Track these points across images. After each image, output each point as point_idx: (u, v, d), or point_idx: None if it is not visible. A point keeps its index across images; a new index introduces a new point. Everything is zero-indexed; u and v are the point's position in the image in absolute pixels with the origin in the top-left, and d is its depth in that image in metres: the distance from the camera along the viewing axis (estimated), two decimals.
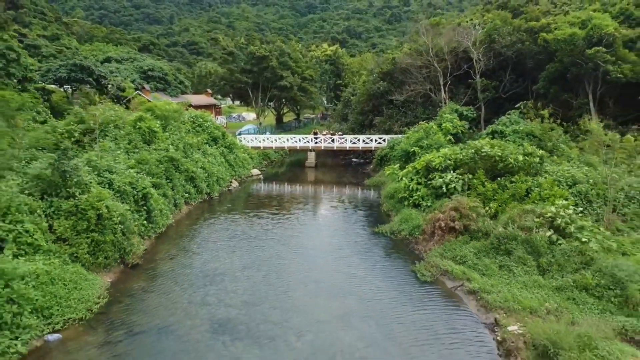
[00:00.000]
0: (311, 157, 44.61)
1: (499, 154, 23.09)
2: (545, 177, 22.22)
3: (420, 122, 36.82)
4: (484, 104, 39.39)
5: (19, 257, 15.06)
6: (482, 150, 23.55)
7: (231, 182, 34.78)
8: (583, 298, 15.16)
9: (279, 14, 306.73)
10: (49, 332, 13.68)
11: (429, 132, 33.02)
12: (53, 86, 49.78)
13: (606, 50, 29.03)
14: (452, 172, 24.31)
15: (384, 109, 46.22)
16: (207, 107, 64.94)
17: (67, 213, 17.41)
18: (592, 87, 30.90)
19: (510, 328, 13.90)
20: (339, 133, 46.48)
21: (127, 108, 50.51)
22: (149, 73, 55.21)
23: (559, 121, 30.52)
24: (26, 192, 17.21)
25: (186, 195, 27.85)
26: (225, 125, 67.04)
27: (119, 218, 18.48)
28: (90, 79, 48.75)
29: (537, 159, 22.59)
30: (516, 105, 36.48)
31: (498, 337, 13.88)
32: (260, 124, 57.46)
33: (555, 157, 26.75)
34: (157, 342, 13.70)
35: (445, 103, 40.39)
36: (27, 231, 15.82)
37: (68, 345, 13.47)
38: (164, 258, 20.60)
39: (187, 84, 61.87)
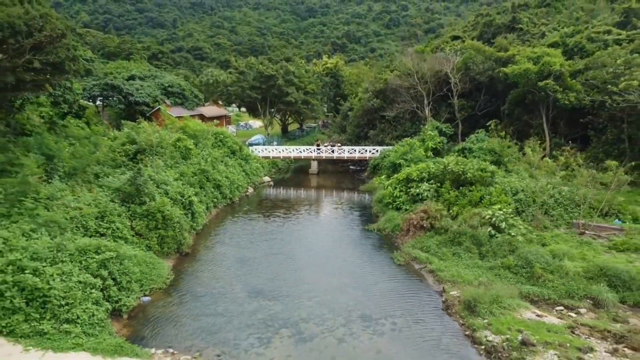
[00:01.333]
0: (314, 166, 51.46)
1: (461, 169, 29.92)
2: (495, 187, 29.02)
3: (406, 139, 43.60)
4: (461, 121, 46.18)
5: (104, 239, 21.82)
6: (449, 166, 30.39)
7: (248, 188, 41.58)
8: (505, 274, 21.96)
9: (280, 18, 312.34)
10: (143, 295, 20.48)
11: (413, 146, 39.88)
12: (86, 102, 56.58)
13: (555, 82, 35.79)
14: (426, 182, 31.13)
15: (377, 123, 53.08)
16: (218, 117, 71.77)
17: (141, 215, 24.23)
18: (545, 110, 37.67)
19: (451, 293, 20.72)
20: (338, 144, 53.22)
21: (150, 119, 57.43)
22: (169, 89, 61.92)
23: (514, 140, 37.44)
24: (112, 200, 24.03)
25: (215, 200, 34.67)
26: (235, 134, 73.83)
27: (176, 219, 25.30)
28: (120, 97, 55.63)
29: (489, 174, 29.39)
30: (487, 124, 43.40)
31: (443, 299, 20.69)
32: (268, 134, 64.22)
33: (508, 170, 33.60)
34: (213, 301, 20.50)
35: (428, 120, 47.18)
36: (118, 228, 22.64)
37: (155, 303, 20.27)
38: (206, 248, 27.41)
39: (201, 97, 68.60)
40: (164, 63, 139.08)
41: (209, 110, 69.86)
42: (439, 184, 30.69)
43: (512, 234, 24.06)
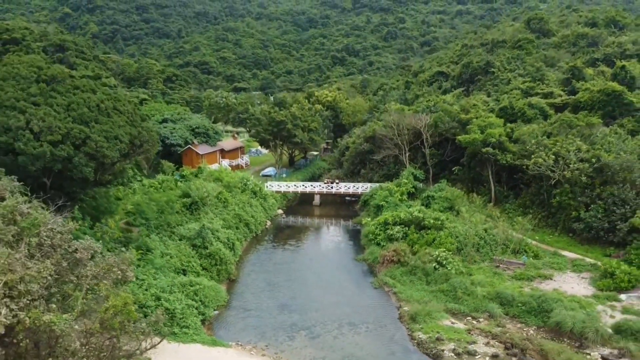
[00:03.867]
0: (317, 199, 64.30)
1: (422, 217, 42.70)
2: (444, 231, 41.73)
3: (387, 183, 56.34)
4: (432, 166, 58.93)
5: (190, 276, 34.54)
6: (413, 214, 43.19)
7: (267, 222, 54.37)
8: (440, 296, 34.67)
9: (282, 29, 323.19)
10: (214, 309, 33.20)
11: (391, 191, 52.71)
12: None
13: (495, 148, 48.41)
14: (398, 226, 43.87)
15: (367, 163, 65.90)
16: (235, 149, 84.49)
17: (206, 256, 36.98)
18: (490, 166, 50.35)
19: (404, 308, 33.47)
20: (337, 181, 65.90)
21: (181, 157, 70.03)
22: (196, 130, 74.52)
23: (470, 184, 50.27)
24: (187, 247, 36.79)
25: (245, 235, 47.43)
26: (249, 163, 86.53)
27: (226, 257, 38.07)
28: (159, 142, 68.32)
29: (440, 222, 42.12)
30: (452, 169, 56.23)
31: (399, 312, 33.44)
32: (278, 166, 76.92)
33: (458, 213, 46.35)
34: (255, 313, 33.23)
35: (407, 164, 59.90)
36: (193, 266, 35.39)
37: (222, 315, 33.03)
38: (244, 275, 40.18)
39: (220, 133, 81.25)
40: (177, 85, 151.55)
41: (228, 144, 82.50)
42: (407, 228, 43.44)
43: (449, 268, 36.82)
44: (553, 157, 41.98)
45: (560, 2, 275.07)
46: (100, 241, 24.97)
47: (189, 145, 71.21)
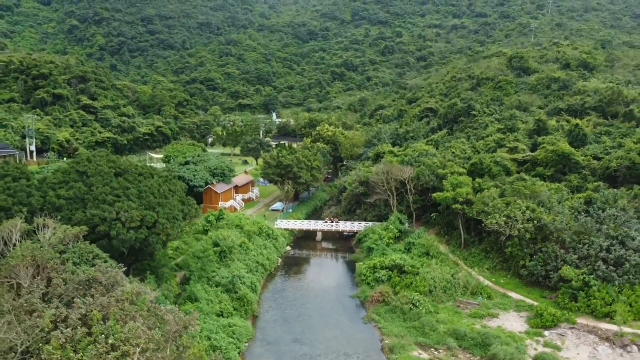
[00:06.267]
0: (319, 235, 76.21)
1: (402, 263, 54.50)
2: (419, 276, 53.41)
3: (378, 225, 68.12)
4: (414, 210, 70.73)
5: (226, 317, 46.25)
6: (396, 261, 54.99)
7: (278, 259, 66.16)
8: (413, 332, 46.41)
9: (283, 41, 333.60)
10: (246, 342, 44.98)
11: (380, 236, 64.51)
12: None
13: (464, 202, 60.06)
14: (383, 270, 55.62)
15: (362, 204, 77.72)
16: (246, 184, 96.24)
17: (236, 299, 48.65)
18: (460, 217, 62.08)
19: (385, 341, 45.30)
20: (336, 220, 77.66)
21: (202, 195, 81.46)
22: (214, 171, 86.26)
23: (445, 228, 62.14)
24: (222, 292, 48.46)
25: (262, 274, 59.15)
26: (259, 196, 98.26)
27: (251, 298, 49.76)
28: (184, 183, 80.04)
29: (416, 269, 53.87)
30: (431, 214, 68.02)
31: (382, 345, 45.23)
32: (285, 202, 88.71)
33: (434, 257, 58.09)
34: (275, 345, 45.02)
35: (394, 208, 71.68)
36: (227, 308, 47.07)
37: (251, 347, 44.84)
38: (264, 311, 51.92)
39: (234, 171, 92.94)
40: (188, 110, 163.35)
41: (240, 179, 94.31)
42: (391, 271, 55.23)
43: (420, 308, 48.59)
44: (504, 218, 53.69)
45: (550, 19, 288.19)
46: (167, 299, 36.83)
47: (209, 185, 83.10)
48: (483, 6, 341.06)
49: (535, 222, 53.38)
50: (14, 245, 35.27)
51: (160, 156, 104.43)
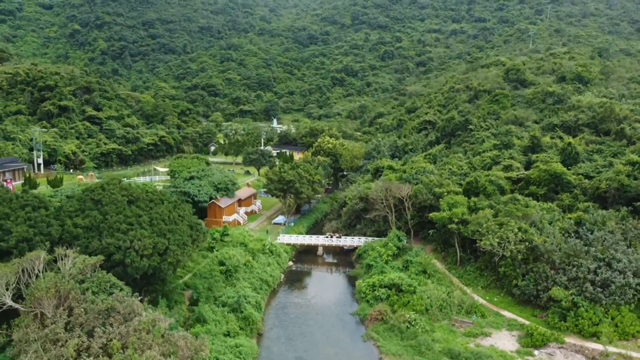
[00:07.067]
0: (320, 249, 78.78)
1: (399, 282, 57.03)
2: (416, 295, 55.91)
3: (377, 243, 70.64)
4: (412, 227, 73.27)
5: (233, 336, 48.76)
6: (394, 280, 57.52)
7: (281, 275, 68.66)
8: (410, 350, 48.95)
9: (284, 45, 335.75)
10: None
11: (380, 253, 67.03)
12: None
13: (459, 222, 62.52)
14: (382, 289, 58.14)
15: (362, 220, 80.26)
16: (249, 197, 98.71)
17: (242, 319, 51.17)
18: (456, 235, 64.58)
19: (384, 359, 47.82)
20: (337, 235, 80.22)
21: (206, 210, 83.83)
22: (218, 186, 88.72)
23: (441, 245, 64.71)
24: (226, 311, 50.97)
25: (266, 292, 61.65)
26: (261, 208, 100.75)
27: (256, 317, 52.29)
28: (189, 199, 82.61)
29: (412, 287, 56.37)
30: (429, 231, 70.54)
31: None
32: (287, 215, 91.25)
33: (430, 275, 60.61)
34: (285, 357, 47.65)
35: (393, 225, 74.21)
36: (234, 328, 49.58)
37: None
38: (268, 330, 54.43)
39: (237, 184, 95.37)
40: (191, 119, 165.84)
41: (243, 192, 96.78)
42: (389, 290, 57.75)
43: (417, 327, 51.10)
44: (498, 239, 56.19)
45: (549, 24, 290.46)
46: (177, 322, 39.41)
47: (213, 200, 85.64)
48: (482, 11, 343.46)
49: (527, 243, 55.87)
50: (37, 275, 37.82)
51: (165, 169, 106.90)
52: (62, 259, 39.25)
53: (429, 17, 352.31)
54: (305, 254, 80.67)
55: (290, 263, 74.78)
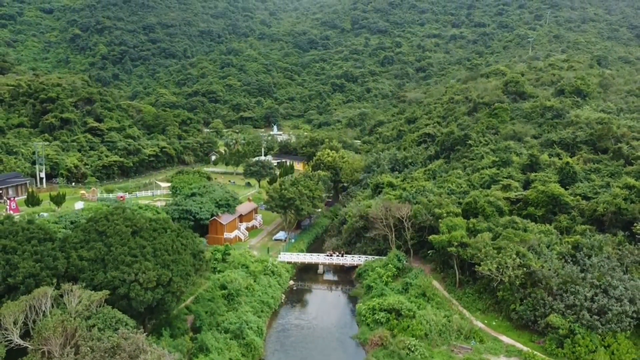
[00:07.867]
0: (321, 267, 79.56)
1: (399, 307, 57.83)
2: (416, 319, 56.70)
3: (377, 264, 71.40)
4: (412, 246, 74.06)
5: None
6: (394, 305, 58.32)
7: (282, 295, 69.41)
8: None
9: (284, 50, 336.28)
10: None
11: (380, 274, 67.82)
12: None
13: (458, 245, 63.30)
14: (382, 312, 58.93)
15: (362, 238, 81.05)
16: (250, 211, 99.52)
17: (243, 345, 51.93)
18: (455, 257, 65.35)
19: None
20: (337, 253, 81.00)
21: (208, 226, 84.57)
22: (220, 202, 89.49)
23: (441, 266, 65.51)
24: (230, 339, 51.75)
25: (267, 314, 62.41)
26: (262, 222, 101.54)
27: (258, 343, 53.06)
28: (191, 216, 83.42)
29: (412, 312, 57.16)
30: (428, 251, 71.34)
31: None
32: (288, 231, 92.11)
33: (429, 299, 61.39)
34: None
35: (393, 244, 75.01)
36: (236, 354, 50.37)
37: None
38: (270, 354, 55.17)
39: (239, 201, 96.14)
40: (192, 128, 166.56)
41: (244, 207, 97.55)
42: (389, 314, 58.55)
43: (416, 353, 51.90)
44: (496, 264, 56.98)
45: (548, 30, 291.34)
46: (181, 353, 40.22)
47: (214, 217, 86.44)
48: (482, 15, 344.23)
49: (525, 268, 56.65)
50: (44, 312, 38.61)
51: (166, 184, 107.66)
52: (68, 294, 40.02)
53: (428, 22, 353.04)
54: (306, 271, 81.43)
55: (291, 282, 75.54)
